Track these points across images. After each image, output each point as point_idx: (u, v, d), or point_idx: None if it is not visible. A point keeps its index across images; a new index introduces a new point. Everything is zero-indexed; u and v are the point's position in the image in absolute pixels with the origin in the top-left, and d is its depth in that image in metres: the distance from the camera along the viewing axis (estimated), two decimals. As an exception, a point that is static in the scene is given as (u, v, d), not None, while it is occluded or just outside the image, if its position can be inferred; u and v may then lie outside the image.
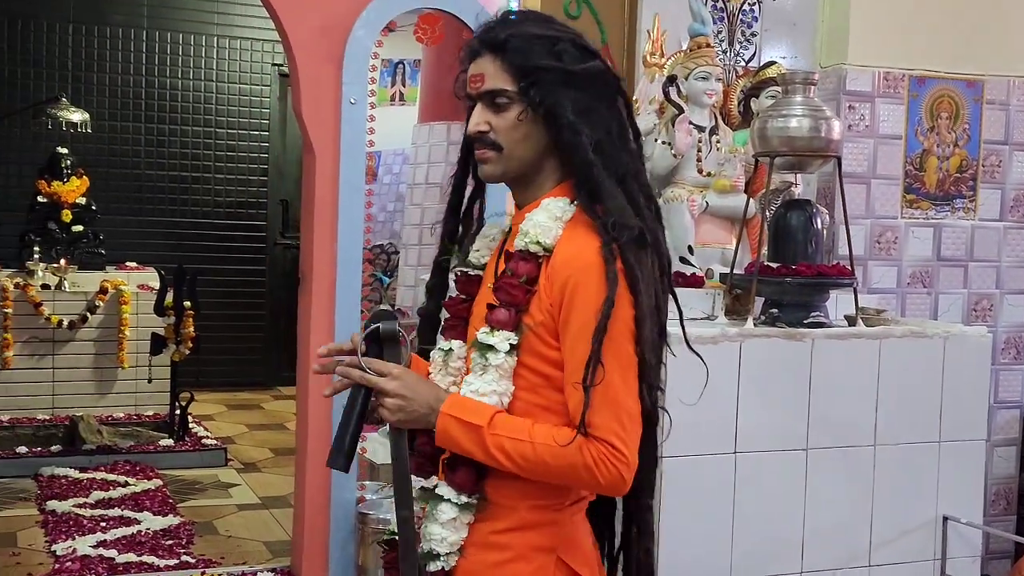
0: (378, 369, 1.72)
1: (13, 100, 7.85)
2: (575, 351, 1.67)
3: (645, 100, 4.01)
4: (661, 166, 3.92)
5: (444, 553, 1.76)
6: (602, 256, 1.67)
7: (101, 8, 8.07)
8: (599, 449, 1.64)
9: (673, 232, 3.88)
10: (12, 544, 4.68)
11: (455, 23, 4.10)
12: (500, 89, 1.76)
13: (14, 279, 6.82)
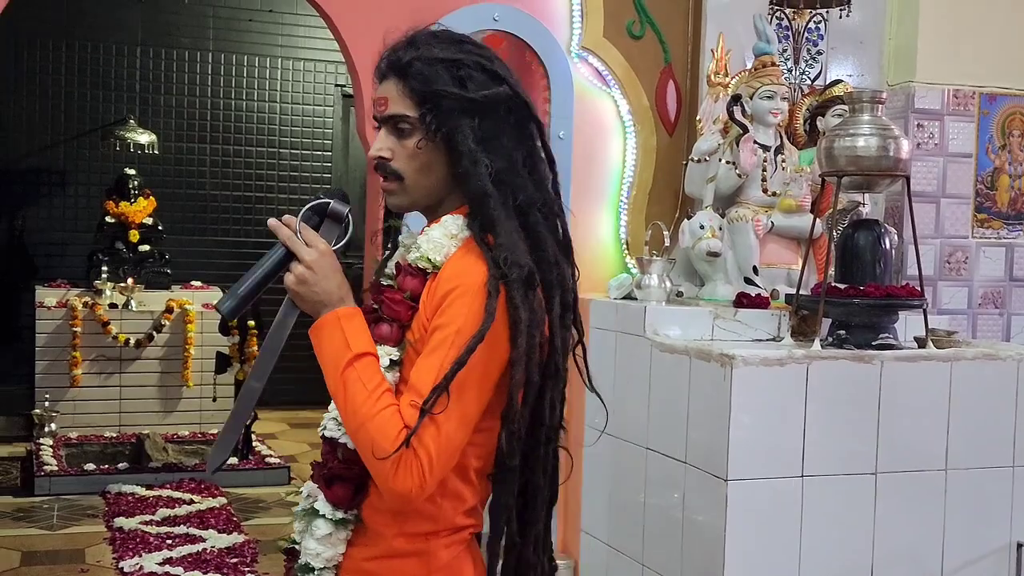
0: (307, 238, 1.68)
1: (83, 122, 8.00)
2: (426, 361, 1.62)
3: (709, 120, 3.99)
4: (725, 186, 3.90)
5: (319, 568, 1.75)
6: (486, 287, 1.62)
7: (169, 32, 8.20)
8: (412, 460, 1.58)
9: (738, 252, 3.87)
10: (80, 560, 4.74)
11: (518, 45, 4.11)
12: (401, 115, 1.71)
13: (83, 298, 6.93)
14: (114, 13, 8.03)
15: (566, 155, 4.09)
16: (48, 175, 7.96)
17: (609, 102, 4.20)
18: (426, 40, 1.75)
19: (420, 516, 1.70)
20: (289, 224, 1.68)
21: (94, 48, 8.04)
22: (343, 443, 1.72)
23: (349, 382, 1.62)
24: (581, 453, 4.08)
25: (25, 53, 7.69)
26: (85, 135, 7.92)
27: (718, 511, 3.21)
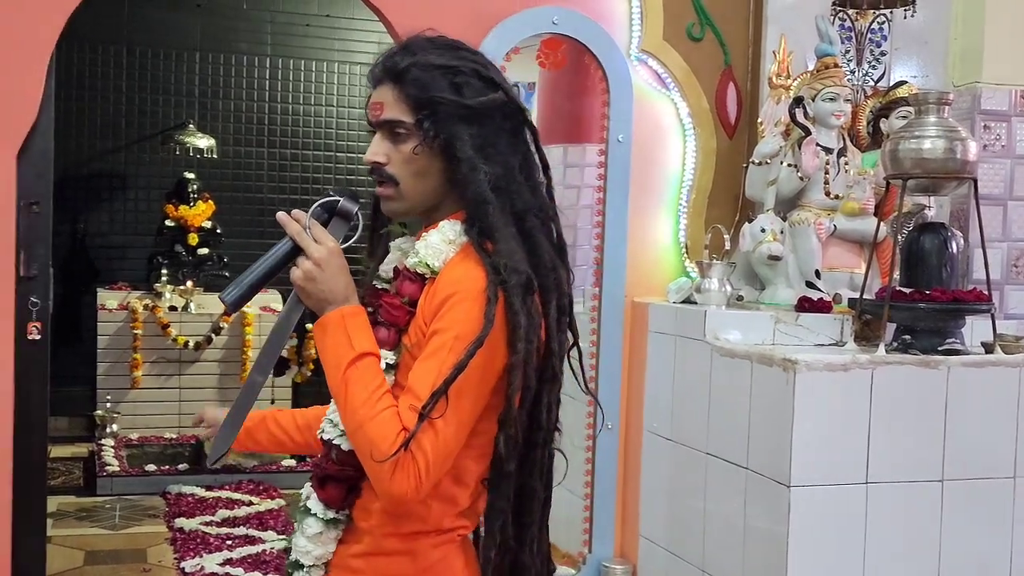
0: (317, 235, 1.68)
1: (143, 127, 8.09)
2: (424, 365, 1.63)
3: (770, 122, 3.95)
4: (787, 189, 3.86)
5: (308, 565, 1.76)
6: (486, 293, 1.62)
7: (227, 37, 8.27)
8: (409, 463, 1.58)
9: (799, 256, 3.83)
10: (142, 560, 4.80)
11: (577, 48, 4.10)
12: (397, 120, 1.72)
13: (143, 301, 7.02)
14: (174, 19, 8.11)
15: (625, 158, 4.08)
16: (109, 179, 8.06)
17: (668, 105, 4.17)
18: (422, 46, 1.75)
19: (409, 516, 1.70)
20: (299, 219, 1.68)
21: (154, 54, 8.12)
22: (337, 444, 1.74)
23: (350, 382, 1.62)
24: (639, 457, 4.07)
25: (87, 59, 7.78)
26: (145, 140, 8.01)
27: (781, 517, 3.18)
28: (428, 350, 1.64)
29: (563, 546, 4.44)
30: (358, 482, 1.74)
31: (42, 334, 3.79)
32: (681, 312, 3.84)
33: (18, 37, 3.54)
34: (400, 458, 1.57)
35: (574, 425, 4.46)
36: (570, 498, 4.50)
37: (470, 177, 1.68)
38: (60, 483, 5.97)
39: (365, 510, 1.74)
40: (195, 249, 7.36)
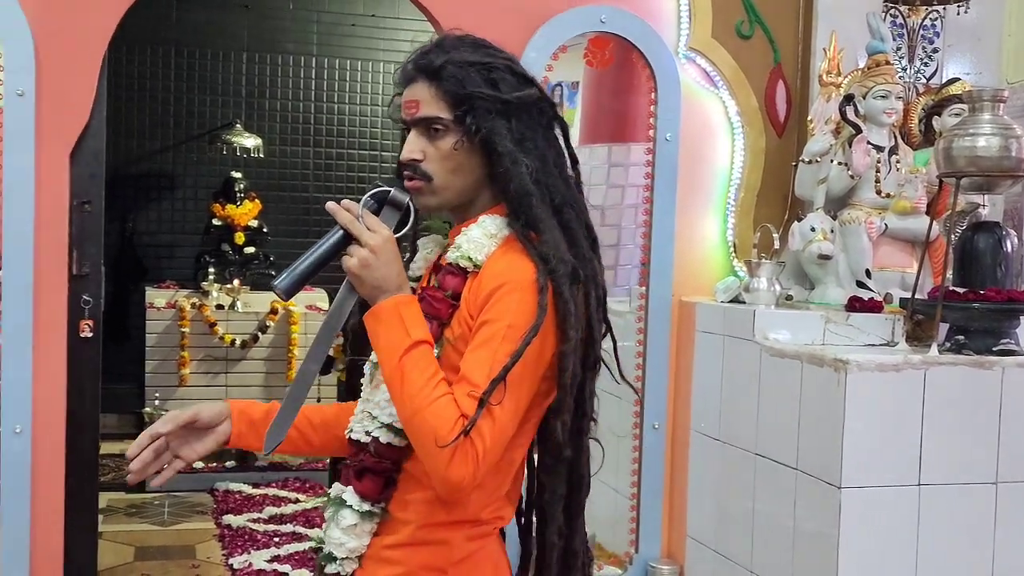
0: (370, 224, 1.67)
1: (190, 127, 8.16)
2: (476, 354, 1.64)
3: (821, 120, 3.92)
4: (837, 187, 3.83)
5: (341, 558, 1.76)
6: (537, 283, 1.65)
7: (274, 37, 8.33)
8: (468, 449, 1.59)
9: (850, 255, 3.80)
10: (192, 556, 4.84)
11: (625, 46, 4.09)
12: (435, 117, 1.73)
13: (190, 299, 7.08)
14: (221, 20, 8.18)
15: (672, 157, 4.06)
16: (157, 179, 8.14)
17: (717, 103, 4.15)
18: (454, 44, 1.76)
19: (445, 506, 1.71)
20: (350, 208, 1.68)
21: (202, 54, 8.20)
22: (376, 436, 1.74)
23: (407, 369, 1.62)
24: (686, 457, 4.05)
25: (136, 60, 7.86)
26: (193, 139, 8.09)
27: (831, 519, 3.15)
28: (479, 339, 1.65)
29: (609, 546, 4.43)
30: (395, 475, 1.75)
31: (94, 332, 3.83)
32: (729, 312, 3.82)
33: (71, 39, 3.58)
34: (460, 444, 1.58)
35: (620, 424, 4.45)
36: (616, 498, 4.49)
37: (512, 171, 1.70)
38: (110, 479, 6.03)
39: (402, 501, 1.75)
40: (242, 248, 7.41)
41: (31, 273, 3.53)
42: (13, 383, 3.53)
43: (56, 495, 3.64)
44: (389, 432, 1.73)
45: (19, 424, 3.52)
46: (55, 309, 3.62)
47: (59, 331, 3.64)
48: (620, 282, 6.30)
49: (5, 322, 3.51)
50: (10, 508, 3.53)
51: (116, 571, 4.57)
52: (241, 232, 7.44)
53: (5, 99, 3.48)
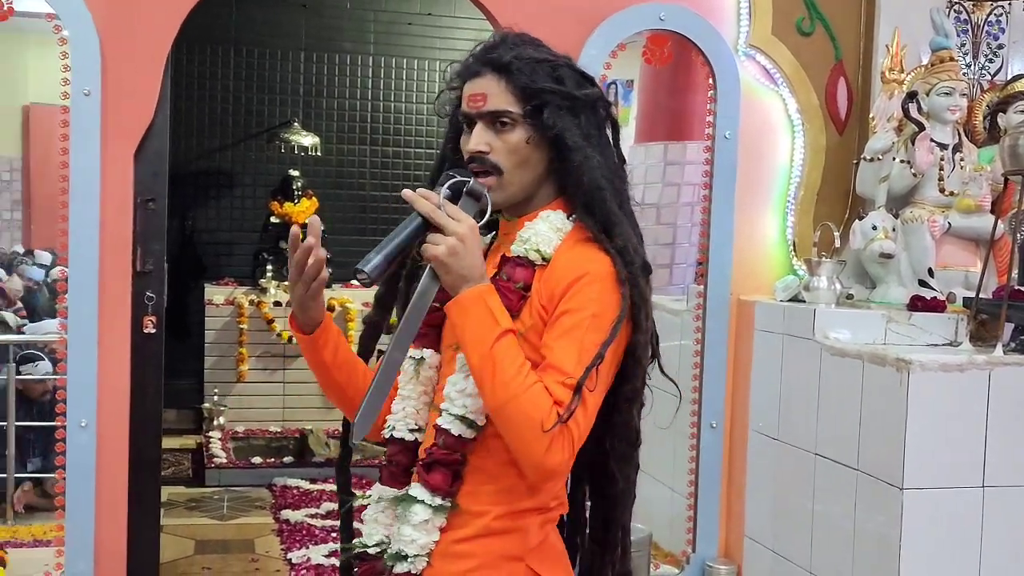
0: (452, 213, 1.67)
1: (249, 125, 8.24)
2: (561, 342, 1.67)
3: (883, 118, 3.88)
4: (900, 185, 3.79)
5: (413, 555, 1.74)
6: (616, 276, 1.69)
7: (331, 36, 8.38)
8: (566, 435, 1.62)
9: (912, 254, 3.76)
10: (250, 550, 4.89)
11: (683, 44, 4.07)
12: (504, 110, 1.74)
13: (249, 296, 7.16)
14: (279, 19, 8.25)
15: (731, 155, 4.04)
16: (216, 177, 8.23)
17: (777, 101, 4.12)
18: (517, 41, 1.79)
19: (519, 494, 1.73)
20: (428, 197, 1.68)
21: (260, 53, 8.27)
22: (446, 429, 1.75)
23: (498, 358, 1.63)
24: (744, 456, 4.03)
25: (196, 59, 7.95)
26: (251, 138, 8.16)
27: (893, 520, 3.12)
28: (562, 328, 1.67)
29: (666, 545, 4.42)
30: (461, 468, 1.76)
31: (157, 328, 3.88)
32: (789, 310, 3.79)
33: (136, 39, 3.63)
34: (556, 431, 1.61)
35: (677, 423, 4.43)
36: (673, 497, 4.48)
37: (585, 165, 1.74)
38: (170, 474, 6.11)
39: (473, 494, 1.75)
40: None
41: (96, 270, 3.59)
42: (79, 378, 3.58)
43: (119, 488, 3.70)
44: (461, 424, 1.74)
45: (84, 419, 3.58)
46: (119, 305, 3.68)
47: (123, 327, 3.69)
48: (675, 280, 6.28)
49: (71, 318, 3.57)
50: (75, 500, 3.59)
51: (177, 564, 4.63)
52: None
53: (72, 98, 3.54)
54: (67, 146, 3.55)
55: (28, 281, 7.56)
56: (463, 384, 1.74)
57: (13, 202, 8.76)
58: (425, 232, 1.68)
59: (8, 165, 8.64)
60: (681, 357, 4.49)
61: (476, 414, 1.73)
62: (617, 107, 8.11)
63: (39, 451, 5.36)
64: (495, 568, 1.73)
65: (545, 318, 1.70)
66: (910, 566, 3.10)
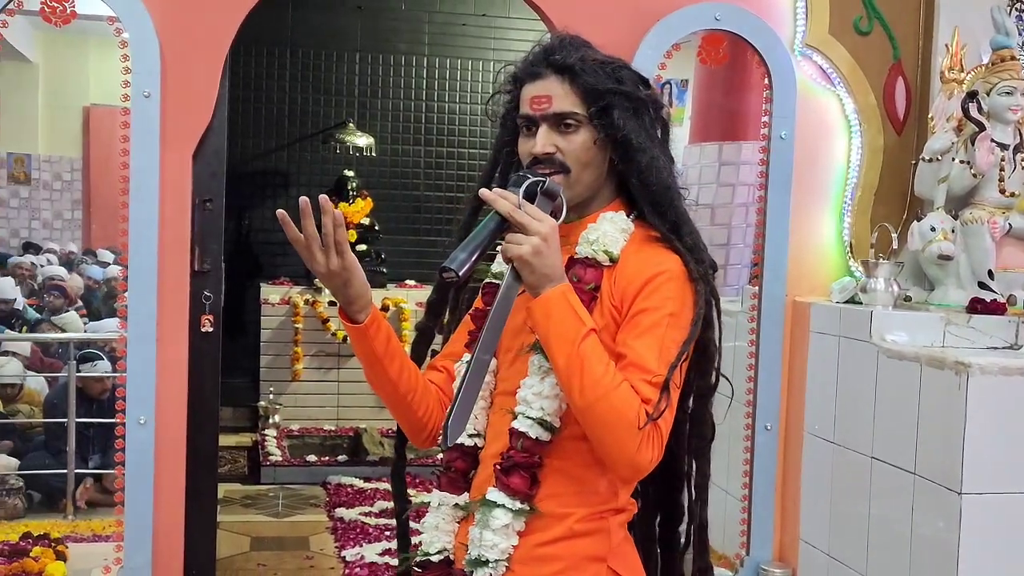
0: (531, 212, 1.67)
1: (305, 126, 8.32)
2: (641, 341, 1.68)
3: (942, 118, 3.83)
4: (959, 186, 3.74)
5: (493, 560, 1.74)
6: (689, 274, 1.72)
7: (386, 38, 8.44)
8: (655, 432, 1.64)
9: (971, 255, 3.71)
10: (305, 548, 4.93)
11: (739, 44, 4.04)
12: (570, 112, 1.75)
13: (304, 296, 7.22)
14: (335, 21, 8.32)
15: (787, 155, 4.00)
16: (272, 177, 8.31)
17: (834, 101, 4.08)
18: (576, 44, 1.81)
19: (602, 495, 1.74)
20: (507, 197, 1.68)
21: (316, 55, 8.34)
22: (524, 432, 1.75)
23: (586, 356, 1.63)
24: (799, 459, 4.00)
25: (252, 61, 8.04)
26: (307, 139, 8.24)
27: (951, 526, 3.08)
28: (640, 328, 1.69)
29: (719, 547, 4.40)
30: (540, 470, 1.75)
31: (214, 327, 3.93)
32: (846, 312, 3.75)
33: (195, 41, 3.68)
34: (647, 428, 1.63)
35: (732, 425, 4.40)
36: (726, 499, 4.45)
37: (652, 166, 1.76)
38: (226, 471, 6.18)
39: (555, 497, 1.75)
40: (354, 245, 7.45)
41: (155, 269, 3.64)
42: (138, 375, 3.64)
43: (177, 485, 3.74)
44: (539, 427, 1.74)
45: (143, 415, 3.63)
46: (178, 304, 3.73)
47: (181, 325, 3.74)
48: (730, 281, 6.24)
49: (131, 316, 3.62)
50: (134, 496, 3.64)
51: (233, 560, 4.68)
52: (353, 230, 7.56)
53: (132, 100, 3.59)
54: (128, 147, 3.60)
55: (88, 280, 7.70)
56: (539, 387, 1.75)
57: (73, 202, 8.92)
58: (504, 232, 1.68)
59: (69, 165, 8.80)
60: (735, 358, 4.47)
61: (553, 416, 1.74)
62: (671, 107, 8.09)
63: (99, 448, 5.45)
64: (580, 570, 1.74)
65: (617, 319, 1.72)
66: (969, 572, 3.05)
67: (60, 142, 8.75)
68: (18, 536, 4.37)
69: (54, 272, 7.23)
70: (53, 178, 8.88)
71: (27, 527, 4.61)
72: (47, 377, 5.89)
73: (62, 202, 8.94)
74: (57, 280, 7.08)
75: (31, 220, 8.85)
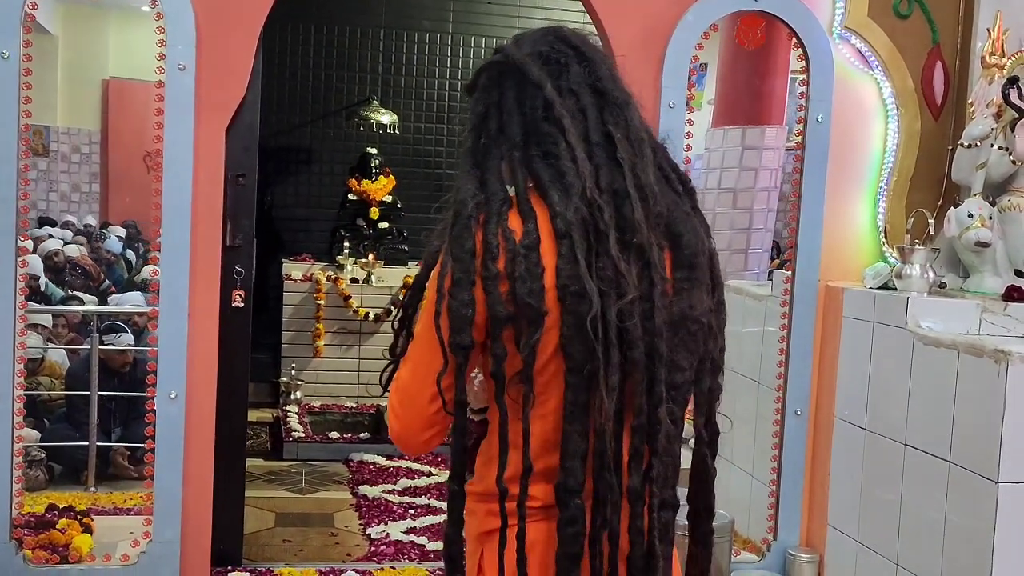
0: None
1: (328, 103, 8.29)
2: None
3: (982, 103, 3.80)
4: (997, 173, 3.71)
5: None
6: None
7: (411, 15, 8.39)
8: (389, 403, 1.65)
9: (1009, 243, 3.69)
10: (330, 524, 4.93)
11: (776, 25, 4.01)
12: None
13: (326, 272, 7.21)
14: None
15: (823, 139, 3.98)
16: (295, 153, 8.29)
17: (871, 85, 4.04)
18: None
19: (477, 477, 1.68)
20: None
21: (340, 31, 8.31)
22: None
23: None
24: (829, 445, 3.98)
25: (277, 36, 8.01)
26: (330, 115, 8.21)
27: (986, 514, 3.06)
28: None
29: (745, 532, 4.39)
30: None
31: (245, 302, 3.93)
32: (880, 298, 3.73)
33: (230, 15, 3.67)
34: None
35: (761, 410, 4.39)
36: (753, 483, 4.44)
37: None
38: (248, 446, 6.15)
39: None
40: (376, 223, 7.51)
41: (188, 243, 3.63)
42: (170, 349, 3.63)
43: (206, 459, 3.75)
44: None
45: (174, 390, 3.63)
46: (209, 279, 3.72)
47: (212, 300, 3.74)
48: (751, 266, 6.22)
49: (163, 290, 3.62)
50: (164, 470, 3.65)
51: (259, 536, 4.68)
52: (376, 207, 7.54)
53: (167, 73, 3.58)
54: (161, 120, 3.59)
55: (108, 254, 7.70)
56: None
57: (91, 175, 8.92)
58: None
59: (87, 138, 8.80)
60: (764, 343, 4.45)
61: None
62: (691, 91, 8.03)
63: (120, 420, 5.46)
64: (472, 543, 1.70)
65: None
66: (1004, 562, 3.04)
67: (79, 115, 8.75)
68: (43, 508, 4.37)
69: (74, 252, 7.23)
70: (71, 150, 8.88)
71: (49, 499, 4.61)
72: (68, 350, 5.89)
73: (80, 175, 8.94)
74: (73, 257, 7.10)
75: (48, 192, 8.86)
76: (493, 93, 1.70)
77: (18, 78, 3.48)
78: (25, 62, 3.51)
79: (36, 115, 3.60)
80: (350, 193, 7.59)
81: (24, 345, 3.60)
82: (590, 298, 1.52)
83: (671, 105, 3.86)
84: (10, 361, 3.52)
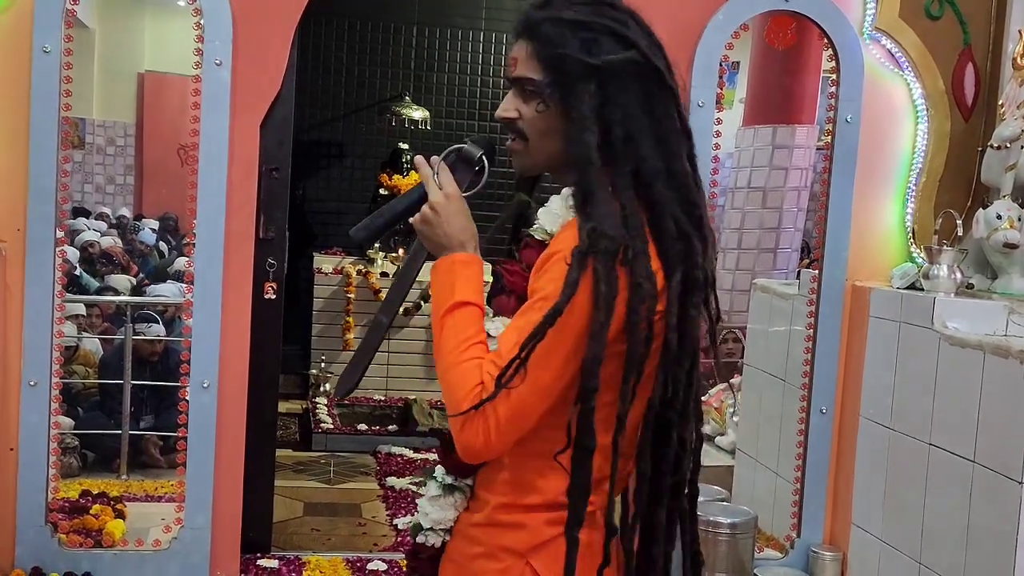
0: (442, 181, 1.67)
1: (360, 98, 8.35)
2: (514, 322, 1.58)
3: (1012, 104, 3.80)
4: (1028, 176, 3.71)
5: (426, 527, 1.74)
6: (572, 257, 1.54)
7: (444, 11, 8.44)
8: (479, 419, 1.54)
9: (1039, 246, 3.68)
10: (357, 514, 4.99)
11: (806, 25, 4.03)
12: (528, 77, 1.66)
13: (356, 266, 7.26)
14: (392, -7, 8.35)
15: (852, 139, 3.99)
16: (328, 147, 8.36)
17: (901, 85, 4.05)
18: (561, 1, 1.67)
19: (525, 488, 1.64)
20: (433, 164, 1.69)
21: (373, 27, 8.37)
22: None
23: (445, 328, 1.61)
24: (854, 443, 4.00)
25: (311, 32, 8.07)
26: (363, 110, 8.28)
27: (1011, 515, 3.07)
28: (523, 308, 1.60)
29: (768, 529, 4.41)
30: None
31: (277, 294, 3.99)
32: (907, 298, 3.74)
33: (267, 11, 3.72)
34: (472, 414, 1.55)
35: (786, 408, 4.41)
36: (777, 481, 4.46)
37: (576, 137, 1.61)
38: (277, 436, 6.23)
39: (487, 480, 1.70)
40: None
41: (222, 235, 3.69)
42: (203, 339, 3.69)
43: (237, 448, 3.81)
44: None
45: (207, 379, 3.69)
46: (242, 270, 3.78)
47: (245, 292, 3.79)
48: (779, 265, 6.23)
49: (197, 281, 3.68)
50: (196, 458, 3.71)
51: (288, 524, 4.74)
52: (407, 202, 7.57)
53: (204, 68, 3.63)
54: (198, 114, 3.65)
55: (141, 245, 7.79)
56: None
57: (126, 167, 9.01)
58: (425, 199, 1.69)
59: (123, 131, 8.88)
60: (791, 342, 4.47)
61: None
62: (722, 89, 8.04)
63: (150, 409, 5.53)
64: (496, 559, 1.66)
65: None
66: (1026, 561, 3.05)
67: (114, 107, 8.83)
68: (77, 494, 4.45)
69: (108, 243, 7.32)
70: (107, 143, 8.97)
71: (83, 485, 4.69)
72: (102, 339, 5.98)
73: (115, 167, 9.02)
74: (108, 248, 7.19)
75: (83, 184, 8.95)
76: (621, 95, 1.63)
77: (59, 72, 3.56)
78: (65, 56, 3.58)
79: (73, 108, 3.67)
80: (381, 188, 7.65)
81: (62, 334, 3.67)
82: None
83: (700, 104, 3.88)
84: (48, 350, 3.59)
